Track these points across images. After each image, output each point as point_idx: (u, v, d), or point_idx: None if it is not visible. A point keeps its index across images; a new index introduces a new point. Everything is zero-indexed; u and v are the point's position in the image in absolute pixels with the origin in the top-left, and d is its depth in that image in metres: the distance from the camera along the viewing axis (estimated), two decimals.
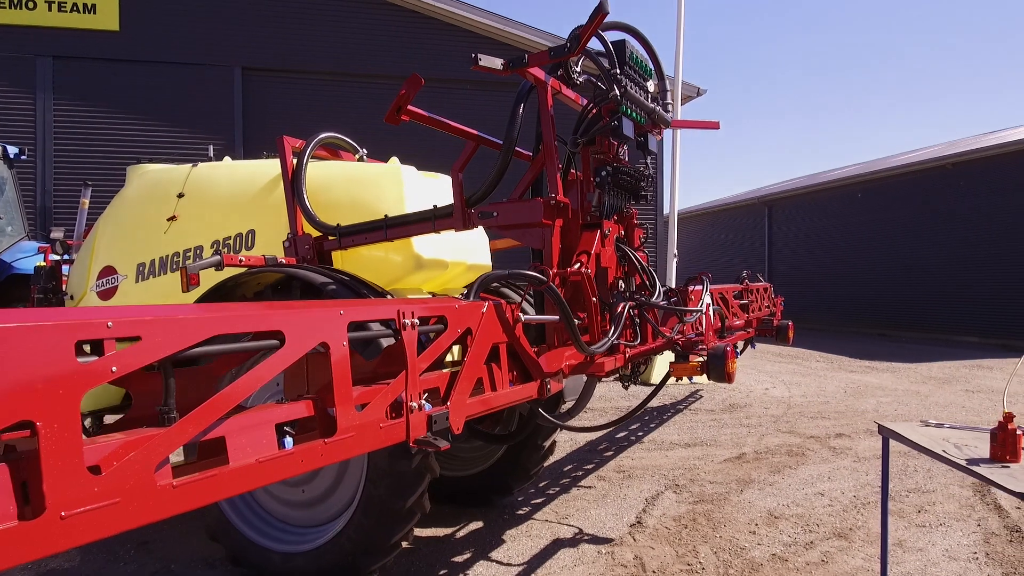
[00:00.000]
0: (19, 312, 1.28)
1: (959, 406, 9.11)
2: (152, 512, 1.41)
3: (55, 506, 1.24)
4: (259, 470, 1.65)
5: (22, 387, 1.20)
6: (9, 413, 1.18)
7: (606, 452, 6.79)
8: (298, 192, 4.21)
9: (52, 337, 1.26)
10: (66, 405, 1.27)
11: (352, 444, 1.90)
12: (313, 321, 1.81)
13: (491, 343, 2.56)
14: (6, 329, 1.19)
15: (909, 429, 3.06)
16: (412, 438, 2.10)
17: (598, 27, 3.22)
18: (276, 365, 1.71)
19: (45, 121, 12.01)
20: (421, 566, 4.15)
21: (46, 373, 1.24)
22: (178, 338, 1.48)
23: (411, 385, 2.11)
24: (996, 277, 17.15)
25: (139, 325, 1.41)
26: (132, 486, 1.38)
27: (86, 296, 4.87)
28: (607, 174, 3.70)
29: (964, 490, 5.47)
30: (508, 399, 2.68)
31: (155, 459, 1.43)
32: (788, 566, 4.10)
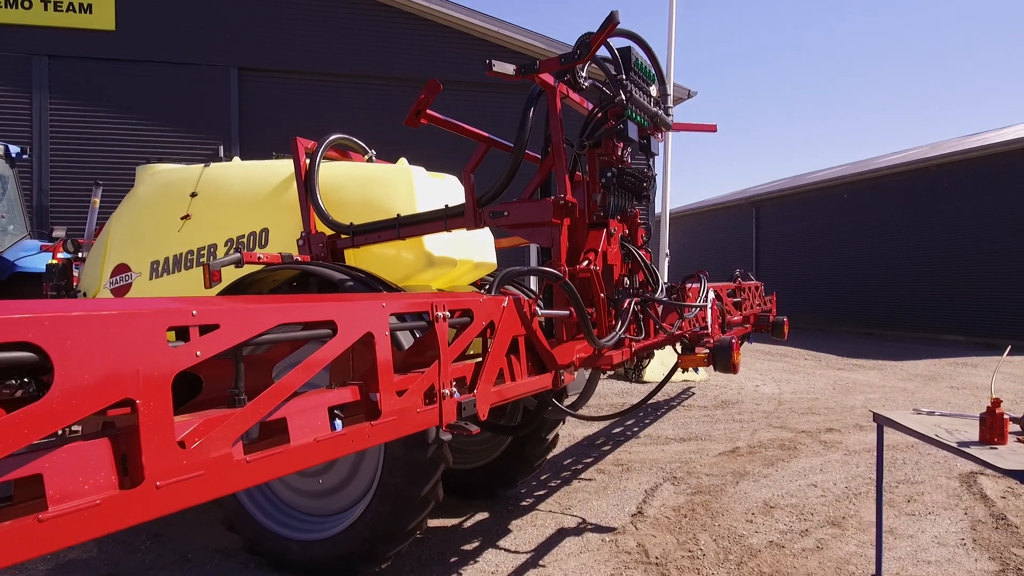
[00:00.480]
0: (116, 301, 1.41)
1: (944, 402, 9.34)
2: (230, 484, 1.55)
3: (152, 476, 1.37)
4: (316, 448, 1.78)
5: (125, 368, 1.33)
6: (114, 391, 1.31)
7: (604, 446, 6.95)
8: (312, 192, 4.33)
9: (148, 323, 1.39)
10: (160, 386, 1.40)
11: (393, 427, 2.04)
12: (361, 312, 1.95)
13: (511, 335, 2.71)
14: (110, 316, 1.32)
15: (903, 416, 3.23)
16: (445, 423, 2.25)
17: (608, 35, 3.38)
18: (330, 353, 1.85)
19: (41, 120, 12.03)
20: (432, 554, 4.29)
21: (143, 356, 1.37)
22: (250, 326, 1.62)
23: (443, 373, 2.26)
24: (980, 277, 17.47)
25: (219, 314, 1.55)
26: (213, 460, 1.51)
27: (99, 293, 4.97)
28: (612, 175, 3.86)
29: (951, 481, 5.66)
30: (526, 389, 2.82)
31: (232, 436, 1.57)
32: (785, 552, 4.27)
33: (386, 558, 3.74)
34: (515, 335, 2.75)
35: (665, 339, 4.02)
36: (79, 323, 1.26)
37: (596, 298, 3.51)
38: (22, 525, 1.18)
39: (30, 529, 1.19)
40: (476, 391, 2.43)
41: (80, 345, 1.25)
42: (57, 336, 1.21)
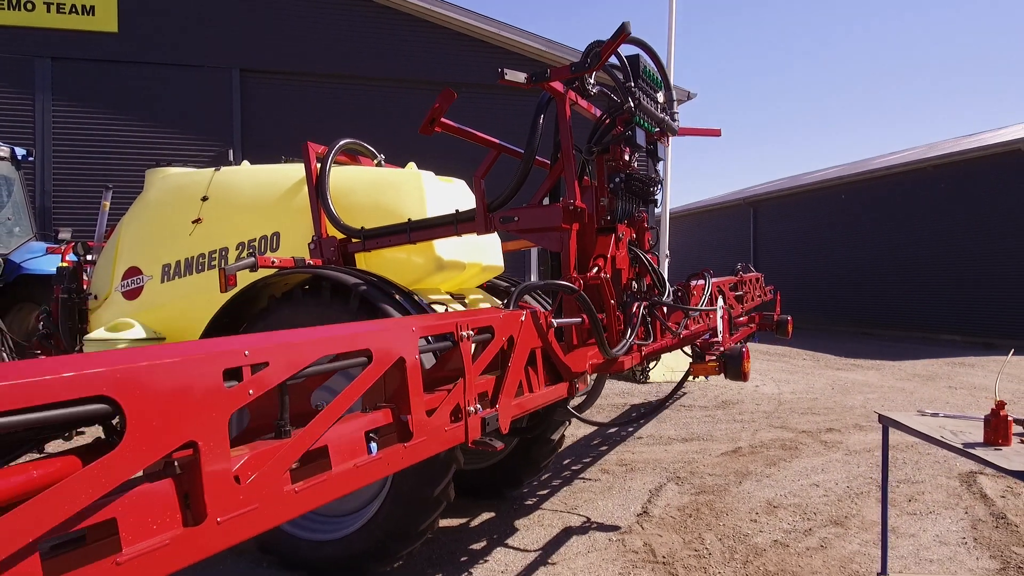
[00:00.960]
0: (175, 347, 1.47)
1: (943, 402, 9.42)
2: (282, 515, 1.62)
3: (213, 513, 1.44)
4: (356, 473, 1.86)
5: (187, 412, 1.40)
6: (179, 435, 1.39)
7: (606, 447, 7.01)
8: (323, 196, 4.39)
9: (207, 368, 1.46)
10: (218, 426, 1.47)
11: (424, 447, 2.11)
12: (393, 338, 2.02)
13: (529, 348, 2.78)
14: (173, 363, 1.38)
15: (907, 418, 3.30)
16: (470, 439, 2.32)
17: (619, 45, 3.44)
18: (367, 380, 1.92)
19: (44, 122, 12.06)
20: (442, 553, 4.35)
21: (203, 399, 1.44)
22: (296, 361, 1.69)
23: (468, 391, 2.33)
24: (977, 277, 17.58)
25: (267, 352, 1.62)
26: (266, 493, 1.58)
27: (111, 296, 5.02)
28: (620, 181, 3.92)
29: (951, 480, 5.74)
30: (544, 400, 2.90)
31: (282, 469, 1.65)
32: (789, 551, 4.34)
33: (398, 558, 3.79)
34: (533, 348, 2.82)
35: (673, 343, 4.09)
36: (146, 373, 1.32)
37: (607, 304, 3.58)
38: (101, 569, 1.25)
39: (109, 572, 1.26)
40: (498, 405, 2.50)
41: (148, 394, 1.32)
42: (128, 387, 1.28)
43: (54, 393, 1.16)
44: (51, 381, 1.16)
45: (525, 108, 3.86)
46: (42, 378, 1.15)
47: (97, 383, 1.23)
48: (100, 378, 1.23)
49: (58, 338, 5.26)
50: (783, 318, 6.11)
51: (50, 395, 1.16)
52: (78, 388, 1.20)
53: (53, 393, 1.16)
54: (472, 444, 2.33)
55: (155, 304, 4.79)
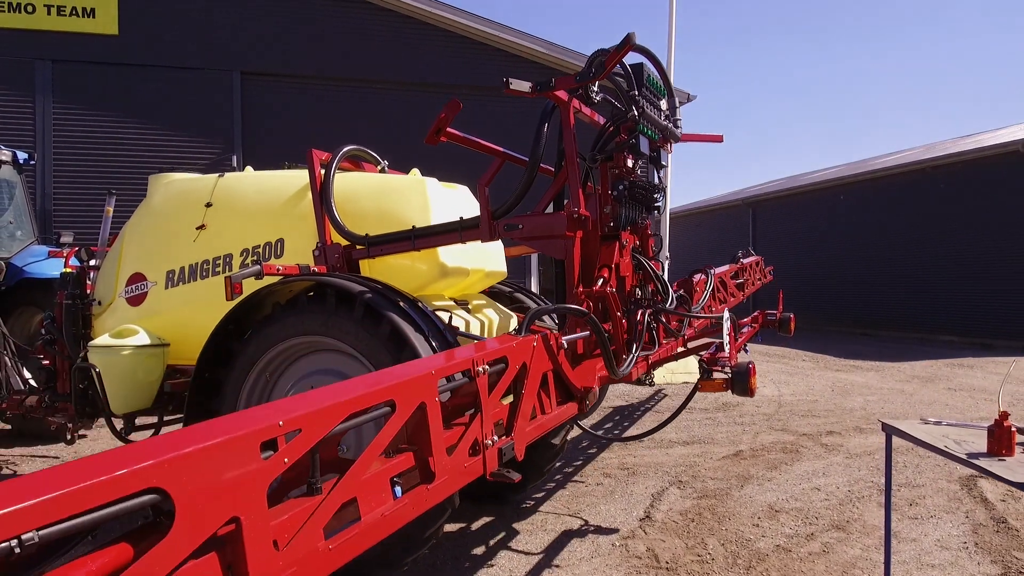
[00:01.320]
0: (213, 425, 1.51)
1: (943, 404, 9.45)
2: (320, 571, 1.66)
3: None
4: (384, 522, 1.90)
5: (230, 489, 1.44)
6: (223, 513, 1.43)
7: (607, 450, 7.03)
8: (327, 203, 4.40)
9: (246, 444, 1.50)
10: (258, 498, 1.51)
11: (446, 486, 2.15)
12: (415, 386, 2.05)
13: (542, 372, 2.81)
14: (215, 445, 1.42)
15: (911, 426, 3.33)
16: (488, 472, 2.35)
17: (625, 55, 3.46)
18: (392, 428, 1.95)
19: (44, 125, 12.06)
20: (446, 558, 4.37)
21: (244, 474, 1.48)
22: (327, 424, 1.73)
23: (485, 424, 2.36)
24: (975, 277, 17.62)
25: (300, 420, 1.65)
26: (304, 555, 1.63)
27: (115, 302, 5.03)
28: (624, 188, 3.95)
29: (952, 484, 5.77)
30: (556, 421, 2.93)
31: (318, 528, 1.69)
32: (792, 556, 4.36)
33: (404, 563, 3.81)
34: (544, 371, 2.84)
35: (678, 352, 4.11)
36: (192, 460, 1.36)
37: (613, 316, 3.60)
38: None
39: None
40: (513, 433, 2.52)
41: (194, 479, 1.36)
42: (176, 476, 1.32)
43: (109, 493, 1.21)
44: (106, 482, 1.20)
45: (524, 109, 3.89)
46: (98, 480, 1.19)
47: (148, 476, 1.27)
48: (150, 471, 1.28)
49: (62, 343, 5.27)
50: (785, 316, 6.15)
51: (106, 496, 1.20)
52: (131, 484, 1.24)
53: (108, 493, 1.21)
54: (490, 477, 2.37)
55: (159, 310, 4.80)
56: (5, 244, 8.01)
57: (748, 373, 3.48)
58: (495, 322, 4.83)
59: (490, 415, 2.39)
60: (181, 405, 4.79)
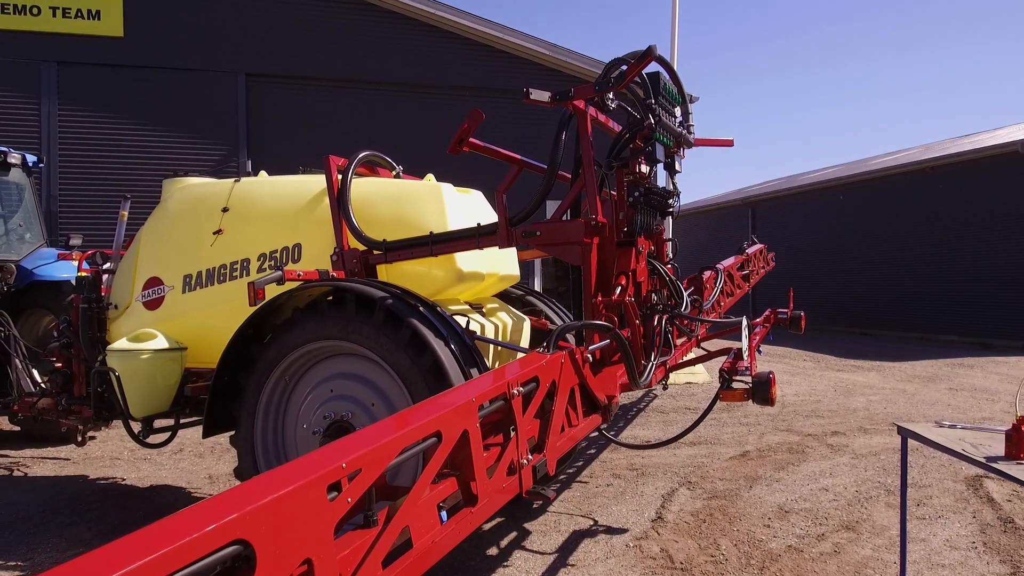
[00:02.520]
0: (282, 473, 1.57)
1: (945, 404, 9.52)
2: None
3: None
4: (434, 548, 1.99)
5: (302, 534, 1.52)
6: (298, 556, 1.51)
7: (616, 451, 7.09)
8: (344, 208, 4.46)
9: (315, 489, 1.58)
10: (326, 537, 1.59)
11: (488, 507, 2.24)
12: (459, 416, 2.14)
13: (570, 387, 2.88)
14: (289, 493, 1.49)
15: (927, 430, 3.39)
16: (524, 490, 2.42)
17: (645, 66, 3.52)
18: (440, 458, 2.04)
19: (50, 127, 12.08)
20: (462, 559, 4.42)
21: (314, 518, 1.56)
22: (384, 461, 1.82)
23: (521, 444, 2.43)
24: (974, 277, 17.71)
25: (360, 460, 1.74)
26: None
27: (131, 306, 5.08)
28: (640, 195, 4.00)
29: (958, 484, 5.83)
30: (584, 432, 3.01)
31: (377, 560, 1.77)
32: (804, 556, 4.42)
33: None
34: (572, 386, 2.91)
35: (697, 358, 4.17)
36: (271, 508, 1.43)
37: (631, 323, 3.66)
38: None
39: None
40: (545, 450, 2.59)
41: (272, 527, 1.44)
42: (257, 526, 1.39)
43: (200, 550, 1.27)
44: (196, 539, 1.27)
45: (528, 110, 3.94)
46: (189, 539, 1.25)
47: (233, 529, 1.34)
48: (235, 524, 1.35)
49: (78, 347, 5.31)
50: (796, 314, 6.23)
51: (197, 552, 1.27)
52: (218, 539, 1.31)
53: (199, 550, 1.27)
54: (526, 495, 2.44)
55: (176, 314, 4.85)
56: (15, 247, 8.04)
57: (769, 383, 3.54)
58: (509, 325, 4.89)
59: (524, 434, 2.47)
60: (198, 408, 4.84)
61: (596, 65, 13.85)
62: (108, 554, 1.19)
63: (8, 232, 8.13)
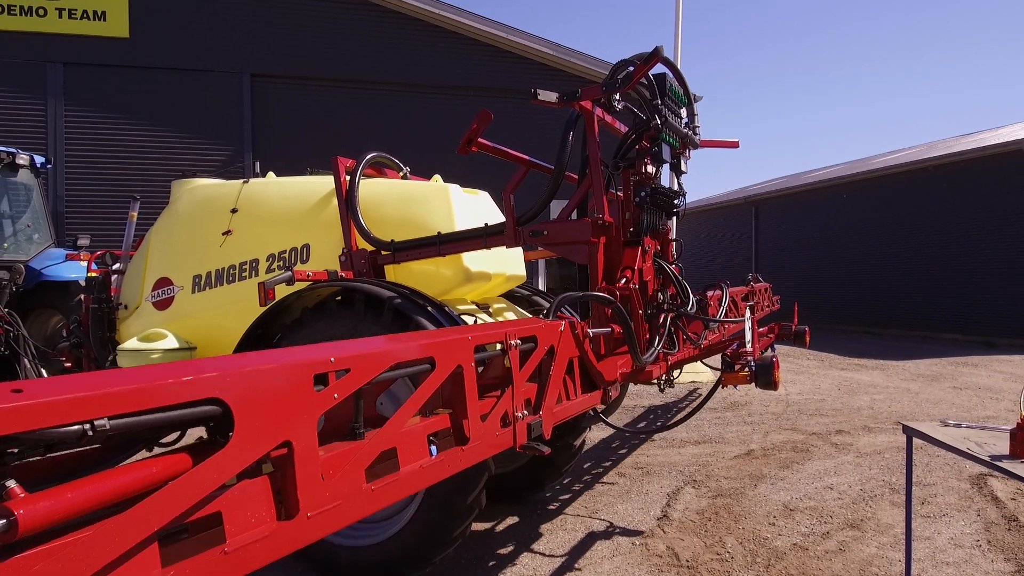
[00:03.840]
0: (268, 355, 1.58)
1: (949, 403, 9.54)
2: (359, 511, 1.73)
3: (304, 508, 1.56)
4: (421, 474, 1.97)
5: (284, 413, 1.51)
6: (277, 434, 1.50)
7: (621, 450, 7.12)
8: (352, 209, 4.49)
9: (300, 373, 1.57)
10: (309, 426, 1.58)
11: (479, 450, 2.22)
12: (454, 347, 2.13)
13: (568, 357, 2.89)
14: (273, 368, 1.50)
15: (932, 429, 3.42)
16: (518, 444, 2.42)
17: (652, 67, 3.55)
18: (431, 385, 2.03)
19: (56, 127, 12.14)
20: (470, 557, 4.46)
21: (297, 402, 1.55)
22: (374, 368, 1.81)
23: (516, 397, 2.43)
24: (977, 276, 17.71)
25: (350, 360, 1.73)
26: (347, 490, 1.70)
27: (141, 306, 5.12)
28: (646, 195, 4.03)
29: (962, 482, 5.86)
30: (581, 407, 3.01)
31: (360, 468, 1.75)
32: (809, 554, 4.45)
33: (432, 563, 3.90)
34: (571, 357, 2.92)
35: (700, 352, 4.19)
36: (251, 377, 1.44)
37: (635, 314, 3.68)
38: (211, 557, 1.37)
39: (218, 560, 1.37)
40: (541, 412, 2.60)
41: (253, 396, 1.43)
42: (236, 390, 1.39)
43: (176, 395, 1.28)
44: (173, 384, 1.28)
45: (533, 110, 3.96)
46: (166, 381, 1.27)
47: (211, 386, 1.34)
48: (214, 382, 1.35)
49: (88, 347, 5.35)
50: (800, 328, 6.23)
51: (172, 397, 1.28)
52: (195, 391, 1.32)
53: (175, 395, 1.28)
54: (520, 448, 2.43)
55: (186, 314, 4.88)
56: (23, 247, 8.11)
57: (772, 366, 3.56)
58: None
59: (520, 389, 2.47)
60: None
61: (600, 65, 13.88)
62: (87, 380, 1.22)
63: (16, 233, 8.19)
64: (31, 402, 1.07)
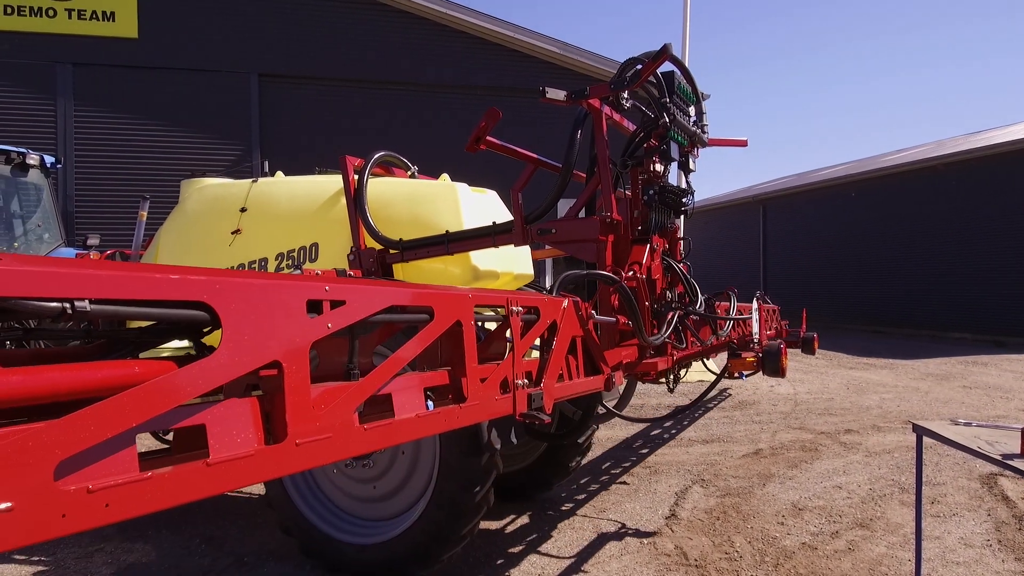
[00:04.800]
0: (260, 275, 1.55)
1: (959, 402, 9.49)
2: (351, 448, 1.70)
3: (293, 435, 1.52)
4: (416, 424, 1.94)
5: (275, 332, 1.48)
6: (267, 352, 1.46)
7: (628, 449, 7.12)
8: (361, 208, 4.50)
9: (292, 294, 1.54)
10: (301, 352, 1.54)
11: (477, 411, 2.19)
12: (453, 301, 2.11)
13: (570, 335, 2.87)
14: (263, 284, 1.47)
15: (942, 427, 3.40)
16: (518, 411, 2.40)
17: (660, 65, 3.54)
18: (429, 335, 2.01)
19: (66, 127, 12.21)
20: (479, 556, 4.46)
21: (288, 323, 1.51)
22: (370, 304, 1.77)
23: (516, 365, 2.42)
24: (987, 274, 17.62)
25: (345, 292, 1.70)
26: (339, 424, 1.65)
27: None
28: (654, 193, 4.02)
29: (972, 482, 5.83)
30: (583, 388, 2.99)
31: (352, 406, 1.72)
32: (818, 554, 4.44)
33: (440, 561, 3.90)
34: (573, 335, 2.90)
35: (709, 349, 4.18)
36: (242, 288, 1.40)
37: (641, 305, 3.67)
38: (194, 468, 1.33)
39: (200, 472, 1.33)
40: (542, 385, 2.59)
41: (243, 307, 1.40)
42: (226, 297, 1.35)
43: (161, 291, 1.24)
44: (160, 280, 1.24)
45: (539, 108, 3.97)
46: (152, 275, 1.23)
47: (198, 290, 1.30)
48: (202, 286, 1.31)
49: None
50: (809, 335, 6.21)
51: (157, 292, 1.23)
52: (182, 291, 1.28)
53: (160, 291, 1.24)
54: (519, 416, 2.41)
55: None
56: (33, 246, 8.15)
57: (779, 352, 3.54)
58: None
59: (521, 357, 2.45)
60: None
61: (607, 63, 13.87)
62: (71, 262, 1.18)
63: (27, 232, 8.23)
64: (8, 268, 1.02)
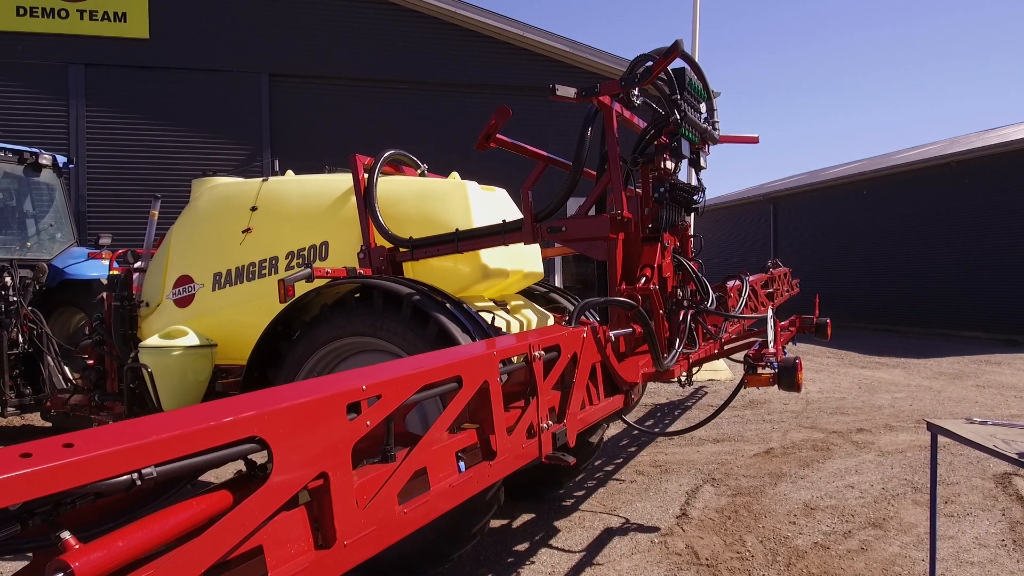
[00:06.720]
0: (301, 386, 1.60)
1: (972, 401, 9.42)
2: (394, 534, 1.76)
3: (341, 537, 1.59)
4: (452, 493, 2.00)
5: (320, 446, 1.54)
6: (315, 467, 1.53)
7: (638, 447, 7.10)
8: (371, 206, 4.50)
9: (333, 405, 1.60)
10: (343, 455, 1.61)
11: (506, 464, 2.24)
12: (480, 364, 2.16)
13: (591, 363, 2.88)
14: (307, 403, 1.53)
15: (958, 426, 3.37)
16: (544, 454, 2.43)
17: (671, 61, 3.52)
18: (459, 403, 2.05)
19: (78, 128, 12.28)
20: (489, 555, 4.46)
21: (331, 433, 1.58)
22: (404, 392, 1.83)
23: (541, 408, 2.44)
24: (1001, 273, 17.46)
25: (381, 387, 1.75)
26: (382, 516, 1.73)
27: (163, 303, 5.16)
28: (665, 190, 4.01)
29: (986, 481, 5.78)
30: (604, 412, 3.01)
31: (394, 492, 1.78)
32: (831, 553, 4.41)
33: (450, 559, 3.90)
34: (593, 362, 2.91)
35: (721, 351, 4.17)
36: (288, 414, 1.47)
37: (655, 313, 3.66)
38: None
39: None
40: (566, 420, 2.60)
41: (290, 432, 1.46)
42: (274, 427, 1.42)
43: (217, 438, 1.31)
44: (215, 427, 1.31)
45: (546, 107, 3.96)
46: (208, 425, 1.30)
47: (250, 426, 1.37)
48: (253, 421, 1.38)
49: (111, 344, 5.40)
50: (822, 321, 6.19)
51: (214, 440, 1.31)
52: (235, 432, 1.35)
53: (217, 438, 1.31)
54: (545, 460, 2.44)
55: (207, 311, 4.92)
56: (46, 246, 8.20)
57: (795, 368, 3.52)
58: (533, 322, 4.91)
59: (545, 399, 2.47)
60: None
61: (616, 61, 13.82)
62: (133, 428, 1.24)
63: (40, 232, 8.29)
64: (82, 457, 1.09)
